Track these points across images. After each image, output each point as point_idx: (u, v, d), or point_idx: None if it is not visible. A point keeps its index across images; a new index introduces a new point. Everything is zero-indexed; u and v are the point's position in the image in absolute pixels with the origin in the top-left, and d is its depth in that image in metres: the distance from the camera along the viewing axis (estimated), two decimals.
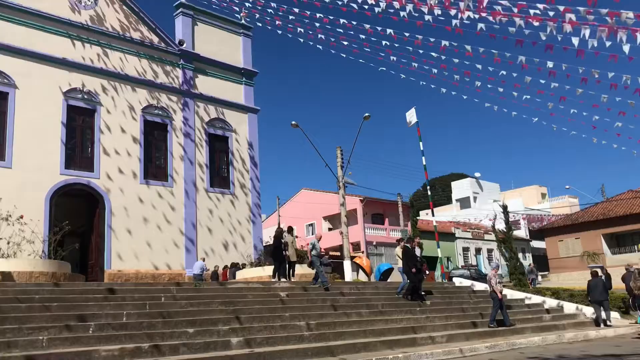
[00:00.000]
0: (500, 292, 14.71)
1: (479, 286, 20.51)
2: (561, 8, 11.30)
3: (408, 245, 16.66)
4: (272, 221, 48.27)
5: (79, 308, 10.60)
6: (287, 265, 17.42)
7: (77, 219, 21.44)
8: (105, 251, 22.13)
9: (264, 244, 27.58)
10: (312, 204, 46.21)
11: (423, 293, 16.15)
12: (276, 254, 17.28)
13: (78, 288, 12.25)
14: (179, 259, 24.12)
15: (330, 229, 46.54)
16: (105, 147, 23.03)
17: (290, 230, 18.00)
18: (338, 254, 36.65)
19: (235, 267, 23.23)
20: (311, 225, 47.99)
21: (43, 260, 15.36)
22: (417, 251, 17.03)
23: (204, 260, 23.22)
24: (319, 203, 45.53)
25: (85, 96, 22.92)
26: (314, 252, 16.16)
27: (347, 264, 26.39)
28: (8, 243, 15.22)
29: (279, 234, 17.61)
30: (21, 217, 15.92)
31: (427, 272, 19.38)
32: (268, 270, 19.72)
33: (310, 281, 16.75)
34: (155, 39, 25.76)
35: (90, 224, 22.70)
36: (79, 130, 22.81)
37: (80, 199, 22.88)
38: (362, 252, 39.73)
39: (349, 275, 26.11)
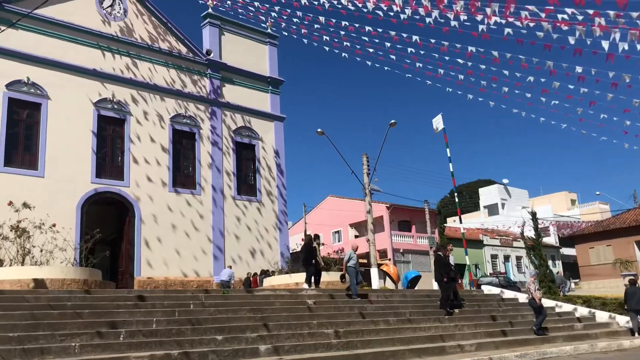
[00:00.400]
0: (540, 299, 14.50)
1: (508, 294, 20.23)
2: (590, 12, 11.16)
3: (440, 253, 16.41)
4: (299, 228, 48.39)
5: (110, 315, 10.76)
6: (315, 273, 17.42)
7: (107, 226, 21.81)
8: (135, 258, 22.45)
9: (291, 251, 27.67)
10: (338, 211, 46.21)
11: (456, 303, 15.92)
12: (307, 260, 17.29)
13: (109, 295, 12.44)
14: (207, 266, 24.34)
15: (356, 236, 46.46)
16: (134, 156, 23.42)
17: (316, 237, 18.01)
18: (365, 261, 36.53)
19: (265, 274, 23.35)
20: (337, 232, 47.98)
21: (75, 267, 15.64)
22: (451, 259, 16.83)
23: (231, 267, 23.41)
24: (345, 210, 45.51)
25: (116, 106, 23.36)
26: (351, 263, 16.03)
27: (374, 272, 26.29)
28: (41, 251, 15.55)
29: (309, 241, 17.60)
30: (54, 225, 16.24)
31: (460, 280, 19.13)
32: (295, 277, 19.76)
33: (343, 290, 16.73)
34: (183, 49, 26.15)
35: (121, 231, 23.06)
36: (109, 139, 23.24)
37: (110, 207, 23.29)
38: (389, 260, 39.55)
39: (376, 282, 26.00)
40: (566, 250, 56.31)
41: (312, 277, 17.10)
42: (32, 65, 21.48)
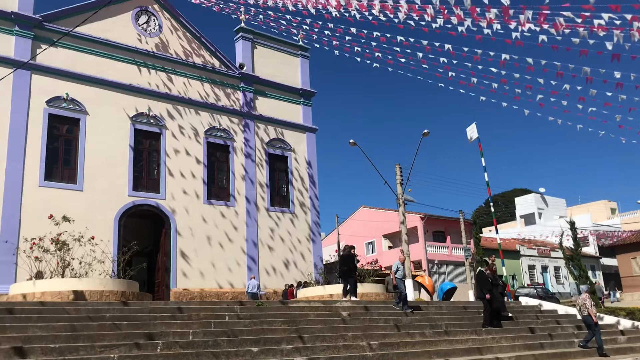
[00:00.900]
0: (596, 316, 14.02)
1: (547, 305, 19.79)
2: (628, 16, 10.93)
3: (482, 268, 15.98)
4: (332, 239, 48.32)
5: (148, 326, 10.91)
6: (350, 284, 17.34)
7: (144, 239, 22.19)
8: (171, 270, 22.73)
9: (324, 263, 27.62)
10: (371, 222, 46.00)
11: (503, 314, 15.55)
12: (345, 272, 17.19)
13: (146, 307, 12.61)
14: (242, 277, 24.47)
15: (390, 247, 46.14)
16: (170, 168, 23.79)
17: (351, 248, 17.97)
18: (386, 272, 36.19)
19: (304, 285, 23.37)
20: (371, 243, 47.74)
21: (113, 279, 15.91)
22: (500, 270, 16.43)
23: (254, 278, 23.51)
24: (379, 221, 45.27)
25: (152, 120, 23.80)
26: (398, 275, 15.89)
27: (408, 283, 26.02)
28: (80, 263, 15.88)
29: (348, 251, 17.52)
30: (92, 238, 16.58)
31: (506, 293, 18.61)
32: (329, 289, 19.72)
33: (378, 302, 16.60)
34: (217, 63, 26.53)
35: (157, 243, 23.40)
36: (146, 153, 23.67)
37: (147, 220, 23.68)
38: (424, 271, 39.13)
39: (411, 294, 25.73)
40: (606, 261, 54.83)
41: (348, 288, 17.02)
42: (71, 81, 22.07)
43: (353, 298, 16.68)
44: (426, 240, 42.10)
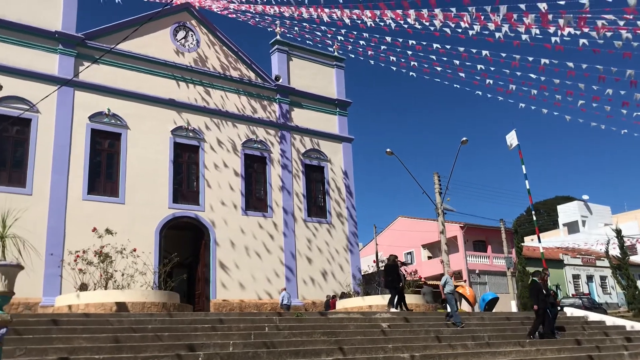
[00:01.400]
0: None
1: (594, 316, 19.19)
2: None
3: (536, 279, 15.49)
4: (370, 250, 48.05)
5: (189, 338, 10.99)
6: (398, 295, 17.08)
7: (184, 250, 22.48)
8: (210, 281, 22.95)
9: (362, 273, 27.46)
10: (410, 232, 45.58)
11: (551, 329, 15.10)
12: (389, 282, 17.00)
13: (187, 318, 12.73)
14: (280, 288, 24.50)
15: (429, 258, 45.60)
16: (209, 180, 24.10)
17: (395, 258, 17.82)
18: (439, 283, 35.74)
19: (346, 296, 23.24)
20: (409, 253, 47.29)
21: (154, 291, 16.14)
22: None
23: (285, 289, 23.46)
24: (417, 231, 44.82)
25: (190, 134, 24.19)
26: (447, 289, 15.61)
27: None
28: (122, 275, 16.17)
29: (392, 261, 17.34)
30: (134, 250, 16.88)
31: (560, 307, 18.02)
32: (368, 300, 19.58)
33: (418, 313, 16.38)
34: (253, 76, 26.84)
35: (197, 255, 23.68)
36: (185, 165, 24.05)
37: (187, 231, 24.00)
38: (465, 281, 38.51)
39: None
40: None
41: (394, 300, 16.77)
42: (112, 97, 22.63)
43: (393, 309, 16.47)
44: (466, 250, 41.46)
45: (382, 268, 18.14)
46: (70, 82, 20.96)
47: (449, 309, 15.72)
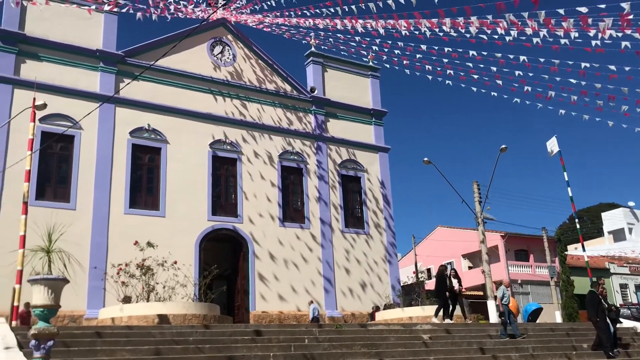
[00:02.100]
0: None
1: None
2: None
3: (594, 289, 14.97)
4: (408, 261, 47.59)
5: (229, 350, 11.04)
6: (450, 305, 16.84)
7: (223, 262, 22.67)
8: (249, 293, 23.06)
9: (402, 284, 27.17)
10: (449, 241, 44.98)
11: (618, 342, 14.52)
12: (440, 292, 16.80)
13: (227, 330, 12.80)
14: (319, 299, 24.47)
15: (470, 268, 44.88)
16: (246, 193, 24.31)
17: (445, 268, 17.60)
18: (481, 293, 35.11)
19: (384, 307, 23.06)
20: (449, 263, 46.60)
21: (195, 303, 16.31)
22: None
23: (312, 302, 23.25)
24: (457, 240, 44.20)
25: (228, 147, 24.48)
26: (504, 301, 15.25)
27: (491, 304, 25.12)
28: (164, 287, 16.43)
29: (440, 273, 17.13)
30: (175, 262, 17.12)
31: (621, 321, 17.29)
32: (408, 311, 19.36)
33: (460, 324, 16.10)
34: (289, 88, 27.04)
35: (235, 266, 23.86)
36: (223, 178, 24.33)
37: (225, 243, 24.22)
38: None
39: (494, 316, 24.81)
40: None
41: (448, 310, 16.51)
42: (151, 112, 23.11)
43: (447, 320, 16.23)
44: (508, 259, 40.65)
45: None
46: (111, 98, 21.50)
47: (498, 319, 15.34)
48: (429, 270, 45.67)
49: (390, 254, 27.51)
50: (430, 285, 32.50)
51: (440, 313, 16.89)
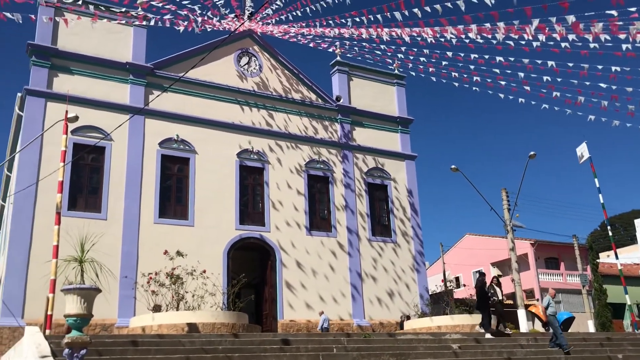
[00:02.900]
0: None
1: None
2: None
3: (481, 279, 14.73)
4: (437, 269, 47.17)
5: (258, 358, 11.09)
6: (492, 315, 16.01)
7: (251, 271, 22.80)
8: (277, 301, 23.12)
9: (430, 293, 26.95)
10: (478, 249, 44.46)
11: None
12: (481, 303, 16.05)
13: (256, 339, 12.86)
14: (347, 308, 24.41)
15: (499, 276, 44.25)
16: (273, 202, 24.43)
17: (482, 276, 16.82)
18: (510, 302, 34.60)
19: (423, 317, 22.85)
20: (478, 272, 46.06)
21: (224, 311, 16.43)
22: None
23: (323, 313, 22.81)
24: (486, 248, 43.66)
25: (255, 156, 24.67)
26: (550, 310, 14.97)
27: (521, 313, 24.79)
28: (193, 296, 16.59)
29: (478, 282, 16.39)
30: (204, 271, 17.28)
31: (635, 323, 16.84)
32: (437, 320, 19.20)
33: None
34: (314, 97, 27.16)
35: (263, 275, 23.95)
36: (250, 187, 24.51)
37: (253, 252, 24.36)
38: (537, 300, 37.10)
39: (524, 325, 24.46)
40: None
41: (489, 322, 15.69)
42: (180, 123, 23.43)
43: (487, 335, 15.43)
44: (538, 267, 40.01)
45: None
46: (141, 110, 21.87)
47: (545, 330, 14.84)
48: (457, 278, 45.21)
49: (418, 262, 27.32)
50: (459, 294, 32.21)
51: (495, 322, 15.97)
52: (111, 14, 21.87)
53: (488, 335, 15.35)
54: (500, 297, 16.26)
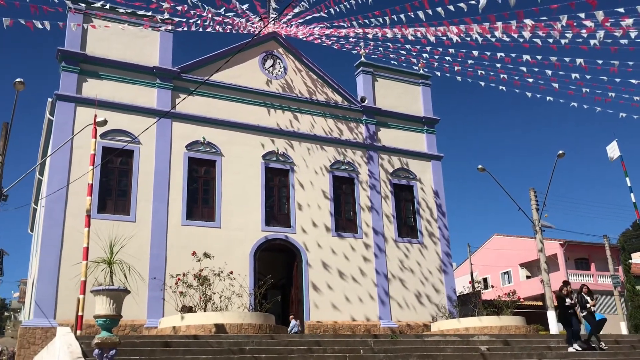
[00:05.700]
0: None
1: None
2: None
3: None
4: (464, 270, 46.74)
5: None
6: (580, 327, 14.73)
7: (277, 272, 22.87)
8: (304, 303, 23.16)
9: (458, 294, 26.70)
10: (506, 250, 43.92)
11: None
12: (563, 316, 14.77)
13: (283, 340, 12.92)
14: (374, 309, 24.32)
15: (528, 277, 43.69)
16: (299, 203, 24.49)
17: (566, 284, 15.12)
18: (540, 303, 34.11)
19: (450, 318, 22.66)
20: (506, 273, 45.52)
21: (251, 312, 16.52)
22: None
23: (293, 318, 22.13)
24: (514, 249, 43.11)
25: (280, 158, 24.77)
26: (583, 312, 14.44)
27: (551, 315, 24.39)
28: (220, 297, 16.73)
29: (558, 295, 14.84)
30: (231, 272, 17.41)
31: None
32: (464, 322, 19.03)
33: (518, 335, 15.65)
34: (339, 99, 27.15)
35: (289, 276, 24.02)
36: (276, 189, 24.60)
37: (279, 253, 24.45)
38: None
39: (554, 327, 24.07)
40: None
41: (576, 335, 14.44)
42: (206, 126, 23.64)
43: (570, 349, 14.34)
44: (568, 268, 39.34)
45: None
46: (168, 114, 22.14)
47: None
48: (485, 280, 44.71)
49: (446, 263, 27.08)
50: (487, 295, 31.82)
51: (584, 332, 15.02)
52: (138, 19, 22.20)
53: (571, 349, 14.29)
54: (591, 308, 14.86)
